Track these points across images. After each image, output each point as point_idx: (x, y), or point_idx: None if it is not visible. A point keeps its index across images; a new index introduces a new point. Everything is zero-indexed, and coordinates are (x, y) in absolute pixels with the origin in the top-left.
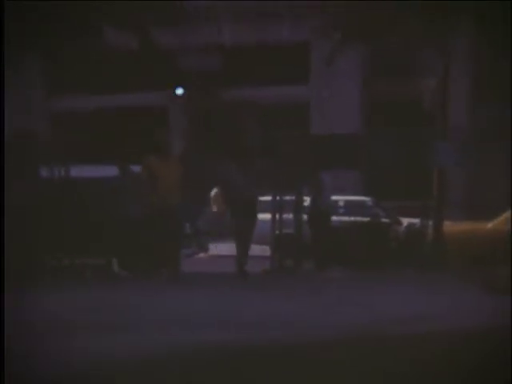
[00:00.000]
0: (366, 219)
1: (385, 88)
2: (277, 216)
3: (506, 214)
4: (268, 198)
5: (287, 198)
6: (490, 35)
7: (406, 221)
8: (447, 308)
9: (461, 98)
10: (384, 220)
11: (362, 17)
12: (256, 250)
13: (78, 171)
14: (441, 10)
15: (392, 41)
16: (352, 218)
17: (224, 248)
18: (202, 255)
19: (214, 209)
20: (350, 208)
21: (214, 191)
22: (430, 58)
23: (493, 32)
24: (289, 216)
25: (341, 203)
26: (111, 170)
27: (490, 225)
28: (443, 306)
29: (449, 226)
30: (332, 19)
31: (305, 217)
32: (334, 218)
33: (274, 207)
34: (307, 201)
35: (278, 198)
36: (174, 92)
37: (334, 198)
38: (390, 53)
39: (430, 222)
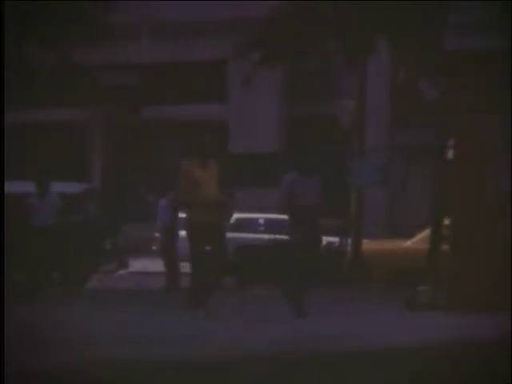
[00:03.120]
0: (285, 237)
1: (303, 108)
2: None
3: (425, 233)
4: None
5: None
6: (406, 57)
7: (325, 239)
8: (366, 326)
9: (380, 119)
10: None
11: (280, 37)
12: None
13: None
14: (358, 31)
15: (310, 61)
16: (272, 236)
17: (145, 264)
18: (121, 272)
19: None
20: (270, 226)
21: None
22: (348, 78)
23: (409, 54)
24: None
25: (261, 221)
26: (27, 186)
27: (409, 243)
28: (362, 324)
29: (368, 244)
30: (250, 39)
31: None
32: (256, 236)
33: None
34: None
35: None
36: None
37: (254, 216)
38: (308, 73)
39: (350, 240)
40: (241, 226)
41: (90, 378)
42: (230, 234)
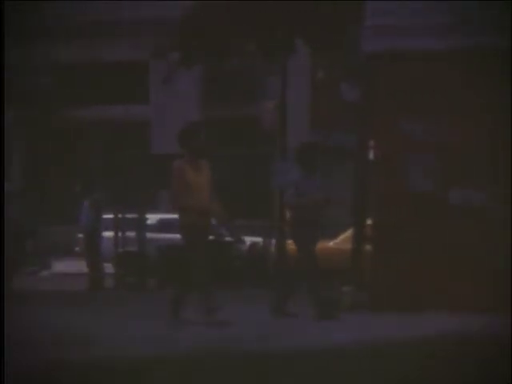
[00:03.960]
0: (210, 238)
1: (225, 108)
2: (119, 234)
3: (348, 233)
4: (110, 215)
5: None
6: (325, 58)
7: (249, 240)
8: (299, 326)
9: (301, 120)
10: (227, 239)
11: (199, 38)
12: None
13: None
14: (277, 32)
15: (231, 62)
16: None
17: (68, 265)
18: (44, 273)
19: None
20: None
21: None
22: (268, 79)
23: (327, 55)
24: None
25: None
26: None
27: (332, 243)
28: (292, 324)
29: (292, 244)
30: (169, 40)
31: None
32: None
33: (116, 225)
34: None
35: (120, 215)
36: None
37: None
38: (230, 73)
39: (273, 241)
40: (164, 226)
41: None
42: (153, 235)
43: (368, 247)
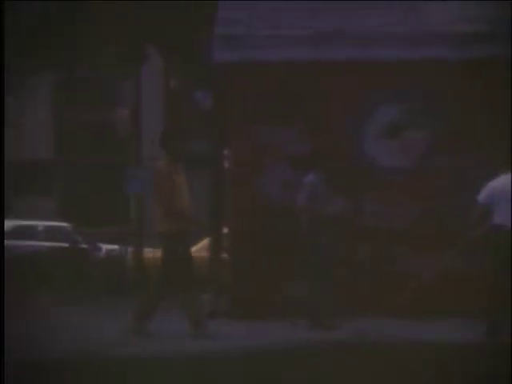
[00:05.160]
0: (65, 245)
1: (79, 115)
2: None
3: (206, 241)
4: None
5: None
6: (176, 67)
7: (105, 247)
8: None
9: (156, 128)
10: (83, 246)
11: (55, 43)
12: None
13: None
14: (131, 39)
15: (86, 68)
16: (51, 244)
17: None
18: None
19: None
20: (49, 233)
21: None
22: (123, 86)
23: (178, 64)
24: None
25: (40, 228)
26: None
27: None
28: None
29: (150, 252)
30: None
31: None
32: (34, 243)
33: None
34: None
35: None
36: None
37: (30, 223)
38: (84, 80)
39: (130, 249)
40: (20, 233)
41: None
42: (9, 242)
43: (225, 255)
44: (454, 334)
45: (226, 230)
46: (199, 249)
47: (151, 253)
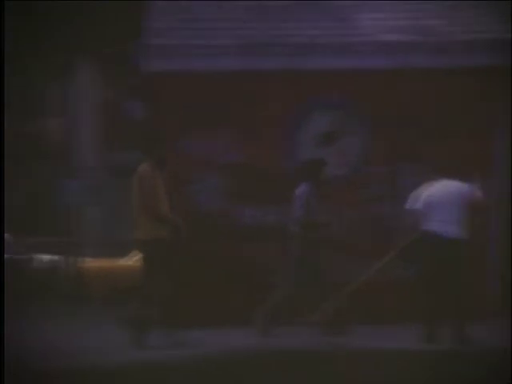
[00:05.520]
0: (7, 256)
1: (12, 125)
2: None
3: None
4: None
5: None
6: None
7: (45, 257)
8: (96, 343)
9: (88, 138)
10: (23, 256)
11: None
12: None
13: None
14: (64, 50)
15: (19, 79)
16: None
17: None
18: None
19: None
20: None
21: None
22: (56, 96)
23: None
24: None
25: None
26: None
27: (123, 260)
28: (91, 341)
29: (88, 262)
30: None
31: None
32: None
33: None
34: None
35: None
36: None
37: None
38: (18, 92)
39: (69, 259)
40: None
41: None
42: None
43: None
44: (391, 341)
45: None
46: (132, 258)
47: (90, 262)
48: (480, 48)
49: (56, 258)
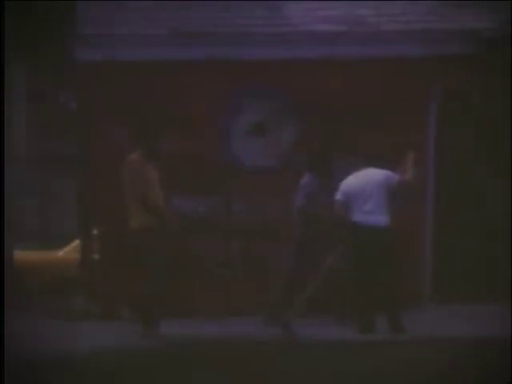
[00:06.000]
0: None
1: None
2: None
3: (76, 242)
4: None
5: None
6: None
7: None
8: (32, 336)
9: (20, 130)
10: None
11: None
12: None
13: None
14: None
15: None
16: None
17: None
18: None
19: None
20: None
21: None
22: None
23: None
24: None
25: None
26: None
27: (60, 253)
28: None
29: (21, 254)
30: None
31: None
32: None
33: None
34: None
35: None
36: None
37: None
38: None
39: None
40: None
41: None
42: None
43: (96, 257)
44: (328, 331)
45: (94, 231)
46: (70, 250)
47: (22, 254)
48: (409, 38)
49: None
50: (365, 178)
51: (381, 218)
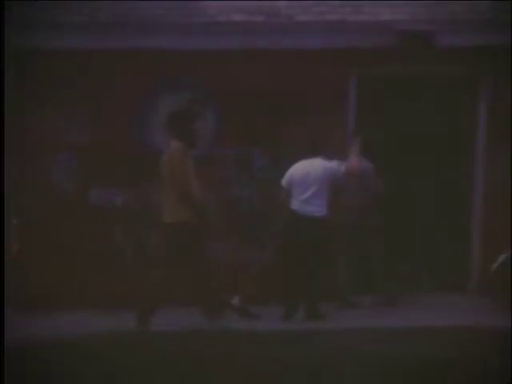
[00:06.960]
0: None
1: None
2: None
3: None
4: None
5: None
6: None
7: None
8: None
9: None
10: None
11: None
12: None
13: None
14: None
15: None
16: None
17: None
18: None
19: None
20: None
21: None
22: None
23: None
24: None
25: None
26: None
27: None
28: None
29: None
30: None
31: None
32: None
33: None
34: None
35: None
36: None
37: None
38: None
39: None
40: None
41: None
42: None
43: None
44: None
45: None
46: None
47: None
48: (323, 29)
49: None
50: (308, 168)
51: (317, 209)
